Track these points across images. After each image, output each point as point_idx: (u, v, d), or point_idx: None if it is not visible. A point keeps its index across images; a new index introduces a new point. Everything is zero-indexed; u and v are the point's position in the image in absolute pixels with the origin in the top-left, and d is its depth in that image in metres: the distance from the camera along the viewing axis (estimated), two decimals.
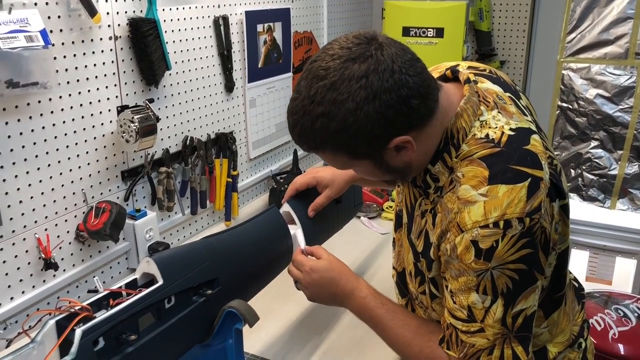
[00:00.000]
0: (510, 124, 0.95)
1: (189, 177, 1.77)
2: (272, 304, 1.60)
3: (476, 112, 0.96)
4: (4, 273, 1.26)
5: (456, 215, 0.90)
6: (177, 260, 1.04)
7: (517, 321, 0.91)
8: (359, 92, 0.86)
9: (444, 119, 0.95)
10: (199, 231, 1.89)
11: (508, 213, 0.86)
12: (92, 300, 0.92)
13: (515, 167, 0.89)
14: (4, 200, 1.23)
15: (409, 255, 1.09)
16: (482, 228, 0.87)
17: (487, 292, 0.90)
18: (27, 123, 1.27)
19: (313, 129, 0.90)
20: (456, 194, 0.91)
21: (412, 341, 1.03)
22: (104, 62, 1.44)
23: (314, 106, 0.88)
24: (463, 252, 0.89)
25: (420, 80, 0.89)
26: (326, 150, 0.94)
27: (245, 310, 1.06)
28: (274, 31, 2.12)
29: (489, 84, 1.02)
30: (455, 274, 0.93)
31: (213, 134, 1.88)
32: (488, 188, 0.88)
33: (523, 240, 0.87)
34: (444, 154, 0.96)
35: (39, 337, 0.86)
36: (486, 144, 0.92)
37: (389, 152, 0.93)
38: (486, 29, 2.86)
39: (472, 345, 0.93)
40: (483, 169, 0.90)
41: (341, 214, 1.59)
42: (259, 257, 1.23)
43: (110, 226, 1.39)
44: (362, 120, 0.87)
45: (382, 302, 1.10)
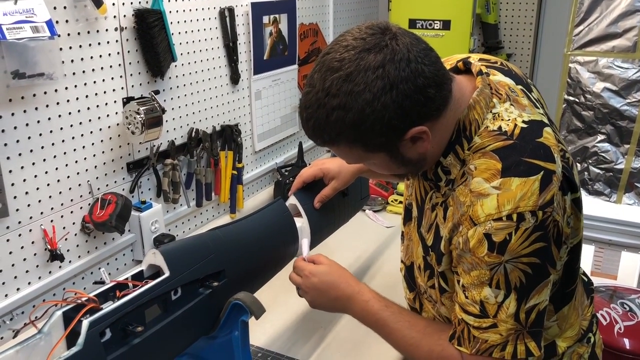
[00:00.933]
0: (522, 116, 0.94)
1: (195, 169, 1.77)
2: (277, 296, 1.59)
3: (489, 104, 0.95)
4: (10, 264, 1.26)
5: (469, 208, 0.89)
6: (183, 252, 1.04)
7: (531, 317, 0.90)
8: (376, 82, 0.85)
9: (456, 110, 0.94)
10: (204, 223, 1.89)
11: (521, 206, 0.86)
12: (98, 292, 0.92)
13: (528, 160, 0.88)
14: (10, 192, 1.23)
15: (418, 249, 1.09)
16: (496, 221, 0.86)
17: (500, 286, 0.89)
18: (33, 114, 1.26)
19: (328, 122, 0.88)
20: (469, 187, 0.91)
21: (421, 342, 1.02)
22: (109, 53, 1.43)
23: (329, 99, 0.87)
24: (476, 246, 0.88)
25: (436, 70, 0.89)
26: (341, 143, 0.93)
27: (252, 302, 1.06)
28: (280, 23, 2.11)
29: (501, 76, 1.01)
30: (467, 268, 0.92)
31: (218, 126, 1.87)
32: (501, 181, 0.87)
33: (536, 233, 0.86)
34: (456, 146, 0.95)
35: (46, 328, 0.86)
36: (499, 136, 0.92)
37: (405, 143, 0.92)
38: (493, 21, 2.84)
39: (484, 341, 0.92)
40: (496, 161, 0.89)
41: (347, 206, 1.58)
42: (265, 249, 1.22)
43: (116, 218, 1.39)
44: (380, 110, 0.86)
45: (386, 305, 1.08)
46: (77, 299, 0.89)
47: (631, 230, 2.66)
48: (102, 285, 0.95)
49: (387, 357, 1.31)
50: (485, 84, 0.97)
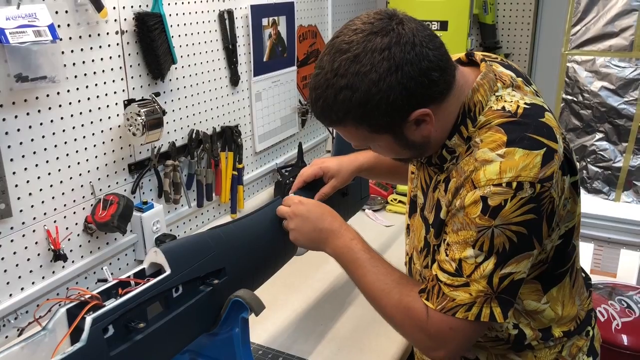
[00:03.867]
0: (524, 99, 0.97)
1: (195, 170, 1.79)
2: (278, 294, 1.61)
3: (492, 87, 0.98)
4: (15, 264, 1.28)
5: (472, 172, 0.92)
6: (184, 251, 1.05)
7: (503, 283, 0.92)
8: (382, 63, 0.88)
9: (460, 95, 0.97)
10: (205, 223, 1.91)
11: (522, 175, 0.88)
12: (101, 289, 0.94)
13: (532, 135, 0.91)
14: (14, 193, 1.25)
15: (420, 233, 1.11)
16: (495, 186, 0.89)
17: (483, 248, 0.91)
18: (36, 116, 1.29)
19: (336, 102, 0.92)
20: (474, 156, 0.93)
21: (393, 289, 1.03)
22: (110, 56, 1.46)
23: (338, 79, 0.90)
24: (470, 206, 0.91)
25: (440, 55, 0.92)
26: (348, 123, 0.95)
27: (251, 299, 1.07)
28: (279, 25, 2.13)
29: (502, 69, 1.04)
30: (456, 228, 0.94)
31: (219, 127, 1.89)
32: (506, 150, 0.90)
33: (530, 205, 0.89)
34: (461, 127, 0.98)
35: (50, 325, 0.87)
36: (503, 114, 0.95)
37: (409, 125, 0.95)
38: (491, 22, 2.86)
39: (452, 300, 0.94)
40: (501, 134, 0.92)
41: (347, 206, 1.60)
42: (265, 247, 1.24)
43: (118, 218, 1.41)
44: (385, 90, 0.89)
45: (369, 249, 1.10)
46: (80, 297, 0.91)
47: (630, 228, 2.66)
48: (105, 283, 0.97)
49: (386, 353, 1.33)
50: (490, 69, 1.00)
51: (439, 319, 0.96)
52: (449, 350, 0.98)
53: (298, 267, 1.42)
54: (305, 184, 1.38)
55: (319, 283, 1.68)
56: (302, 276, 1.69)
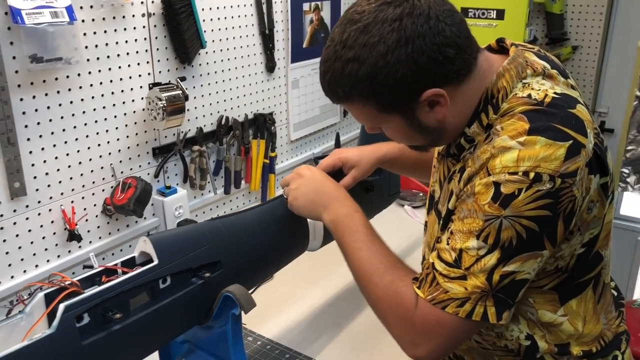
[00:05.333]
0: (555, 89, 0.89)
1: (223, 157, 1.77)
2: (296, 288, 1.58)
3: (520, 73, 0.90)
4: (29, 241, 1.31)
5: (488, 160, 0.85)
6: (175, 241, 1.03)
7: (503, 281, 0.84)
8: (391, 34, 0.83)
9: (483, 80, 0.90)
10: (233, 210, 1.89)
11: (542, 166, 0.80)
12: (83, 277, 0.93)
13: (558, 126, 0.83)
14: (30, 172, 1.28)
15: (434, 228, 1.03)
16: (511, 174, 0.81)
17: (487, 240, 0.84)
18: (54, 97, 1.30)
19: (343, 75, 0.87)
20: (492, 144, 0.86)
21: (387, 272, 0.96)
22: (136, 39, 1.45)
23: (345, 51, 0.85)
24: (481, 191, 0.84)
25: (458, 31, 0.86)
26: (355, 99, 0.90)
27: (241, 296, 1.04)
28: (322, 10, 2.06)
29: (536, 58, 0.95)
30: (463, 215, 0.87)
31: (251, 114, 1.86)
32: (526, 138, 0.82)
33: (547, 200, 0.81)
34: (481, 114, 0.90)
35: (27, 309, 0.88)
36: (529, 101, 0.87)
37: (421, 107, 0.88)
38: (558, 11, 2.66)
39: (444, 291, 0.87)
40: (524, 122, 0.84)
41: (372, 203, 1.52)
42: (270, 242, 1.20)
43: (134, 202, 1.41)
44: (393, 64, 0.83)
45: (370, 226, 1.03)
46: (60, 282, 0.90)
47: None
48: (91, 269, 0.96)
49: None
50: (521, 54, 0.92)
51: (427, 310, 0.88)
52: (430, 347, 0.89)
53: (321, 261, 1.37)
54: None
55: (341, 279, 1.63)
56: (324, 271, 1.64)
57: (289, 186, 1.14)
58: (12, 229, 1.27)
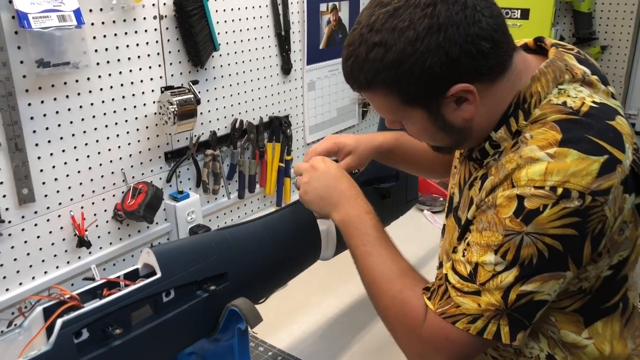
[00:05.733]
0: (593, 97, 0.83)
1: (238, 161, 1.74)
2: (311, 296, 1.54)
3: (557, 78, 0.84)
4: (38, 248, 1.30)
5: (513, 171, 0.79)
6: (179, 253, 1.00)
7: (520, 301, 0.79)
8: (423, 20, 0.77)
9: (516, 81, 0.84)
10: (247, 215, 1.86)
11: (571, 182, 0.75)
12: (83, 290, 0.90)
13: (593, 139, 0.77)
14: (38, 177, 1.26)
15: (453, 235, 0.98)
16: (537, 188, 0.76)
17: (506, 256, 0.78)
18: (63, 102, 1.28)
19: (367, 60, 0.81)
20: (518, 153, 0.80)
21: (397, 279, 0.91)
22: (147, 41, 1.43)
23: (372, 34, 0.80)
24: (503, 204, 0.78)
25: (495, 24, 0.80)
26: (377, 88, 0.84)
27: (247, 310, 1.00)
28: (340, 11, 2.02)
29: (576, 62, 0.89)
30: (481, 227, 0.82)
31: (266, 117, 1.83)
32: (557, 149, 0.77)
33: (574, 218, 0.75)
34: (510, 119, 0.84)
35: (25, 323, 0.85)
36: (563, 109, 0.81)
37: (447, 102, 0.82)
38: (586, 9, 2.57)
39: (456, 306, 0.82)
40: (556, 132, 0.78)
41: (388, 210, 1.47)
42: (280, 252, 1.16)
43: (144, 208, 1.39)
44: (422, 53, 0.77)
45: (381, 229, 0.98)
46: (59, 296, 0.88)
47: None
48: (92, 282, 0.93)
49: None
50: (560, 57, 0.86)
51: (436, 324, 0.84)
52: None
53: (338, 267, 1.33)
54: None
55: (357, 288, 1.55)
56: (341, 278, 1.60)
57: (300, 178, 1.08)
58: (21, 236, 1.26)
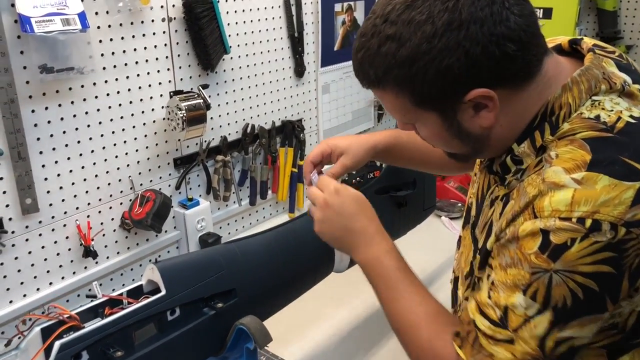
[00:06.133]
0: (632, 111, 0.75)
1: (249, 166, 1.69)
2: (324, 308, 1.48)
3: (593, 88, 0.75)
4: (43, 258, 1.26)
5: (535, 198, 0.71)
6: (185, 269, 0.95)
7: (559, 349, 0.72)
8: (443, 14, 0.69)
9: (545, 89, 0.76)
10: (259, 222, 1.81)
11: (601, 212, 0.67)
12: (83, 309, 0.86)
13: (627, 161, 0.69)
14: (42, 186, 1.22)
15: (469, 254, 0.91)
16: (562, 220, 0.68)
17: (536, 297, 0.71)
18: (68, 108, 1.24)
19: (378, 54, 0.74)
20: (542, 176, 0.72)
21: (424, 326, 0.84)
22: (155, 45, 1.38)
23: (386, 26, 0.73)
24: (526, 238, 0.71)
25: (525, 24, 0.71)
26: (387, 85, 0.77)
27: (256, 329, 0.95)
28: (355, 11, 1.96)
29: (616, 69, 0.80)
30: (505, 263, 0.74)
31: (279, 122, 1.78)
32: (585, 174, 0.69)
33: (607, 253, 0.67)
34: (535, 132, 0.76)
35: (22, 344, 0.81)
36: (595, 124, 0.73)
37: (465, 108, 0.75)
38: (611, 8, 2.48)
39: (489, 355, 0.75)
40: (585, 152, 0.70)
41: (404, 219, 1.42)
42: (290, 266, 1.11)
43: (152, 216, 1.34)
44: (439, 50, 0.70)
45: (404, 268, 0.91)
46: (59, 315, 0.84)
47: None
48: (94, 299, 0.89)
49: None
50: (598, 64, 0.77)
51: None
52: None
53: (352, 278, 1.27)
54: (315, 166, 1.18)
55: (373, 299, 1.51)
56: (355, 289, 1.52)
57: (314, 210, 1.00)
58: (24, 246, 1.22)
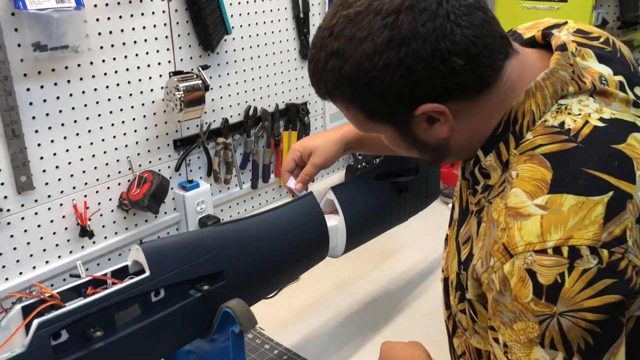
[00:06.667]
0: (603, 112, 0.70)
1: (251, 149, 1.68)
2: (323, 292, 1.48)
3: (559, 92, 0.71)
4: (39, 237, 1.26)
5: (503, 233, 0.66)
6: (171, 250, 0.94)
7: None
8: (382, 31, 0.66)
9: (508, 94, 0.72)
10: (262, 205, 1.80)
11: (575, 237, 0.61)
12: (64, 289, 0.85)
13: (592, 173, 0.64)
14: (38, 165, 1.22)
15: (453, 262, 0.87)
16: (538, 254, 0.63)
17: (556, 346, 0.64)
18: (65, 87, 1.23)
19: (325, 69, 0.72)
20: (504, 200, 0.68)
21: None
22: (154, 24, 1.37)
23: (331, 40, 0.70)
24: (518, 287, 0.64)
25: (474, 36, 0.67)
26: (338, 99, 0.75)
27: (241, 313, 0.94)
28: None
29: (594, 62, 0.76)
30: (509, 319, 0.67)
31: (282, 104, 1.76)
32: (548, 198, 0.64)
33: (606, 280, 0.61)
34: (500, 144, 0.73)
35: (3, 322, 0.81)
36: (556, 135, 0.68)
37: (417, 121, 0.72)
38: None
39: None
40: (545, 169, 0.66)
41: (406, 205, 1.39)
42: (282, 251, 1.09)
43: (149, 198, 1.34)
44: (380, 69, 0.67)
45: None
46: (40, 294, 0.83)
47: None
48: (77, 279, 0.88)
49: None
50: (565, 64, 0.72)
51: None
52: None
53: (354, 263, 1.26)
54: (291, 174, 1.16)
55: (373, 285, 1.52)
56: (355, 275, 1.54)
57: None
58: (20, 224, 1.22)
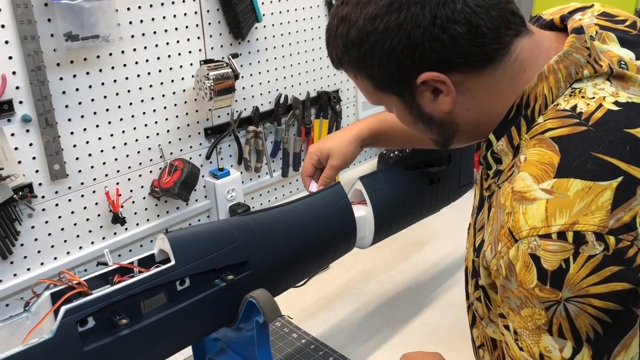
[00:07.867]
0: (619, 95, 0.67)
1: (282, 138, 1.67)
2: (353, 283, 1.47)
3: (573, 75, 0.69)
4: (73, 223, 1.29)
5: (508, 217, 0.64)
6: (197, 240, 0.95)
7: None
8: None
9: (517, 74, 0.71)
10: (292, 193, 1.80)
11: (581, 222, 0.59)
12: (96, 274, 0.87)
13: (601, 157, 0.62)
14: (71, 153, 1.24)
15: (470, 249, 0.85)
16: (543, 238, 0.60)
17: (564, 334, 0.62)
18: (96, 76, 1.25)
19: (336, 35, 0.76)
20: (511, 185, 0.66)
21: None
22: (185, 12, 1.37)
23: (342, 7, 0.75)
24: (522, 272, 0.63)
25: (477, 5, 0.68)
26: (347, 67, 0.78)
27: (265, 303, 0.94)
28: None
29: (615, 46, 0.72)
30: (516, 305, 0.66)
31: (314, 92, 1.74)
32: (555, 182, 0.62)
33: (613, 268, 0.59)
34: (512, 128, 0.72)
35: (33, 308, 0.83)
36: (567, 119, 0.66)
37: (421, 92, 0.74)
38: None
39: None
40: (553, 153, 0.64)
41: (437, 195, 1.36)
42: (308, 241, 1.08)
43: (179, 185, 1.35)
44: (381, 32, 0.70)
45: None
46: (68, 281, 0.85)
47: None
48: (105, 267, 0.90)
49: None
50: (580, 47, 0.70)
51: None
52: None
53: (384, 253, 1.24)
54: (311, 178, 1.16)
55: (402, 275, 1.50)
56: (385, 265, 1.52)
57: None
58: (54, 211, 1.25)
